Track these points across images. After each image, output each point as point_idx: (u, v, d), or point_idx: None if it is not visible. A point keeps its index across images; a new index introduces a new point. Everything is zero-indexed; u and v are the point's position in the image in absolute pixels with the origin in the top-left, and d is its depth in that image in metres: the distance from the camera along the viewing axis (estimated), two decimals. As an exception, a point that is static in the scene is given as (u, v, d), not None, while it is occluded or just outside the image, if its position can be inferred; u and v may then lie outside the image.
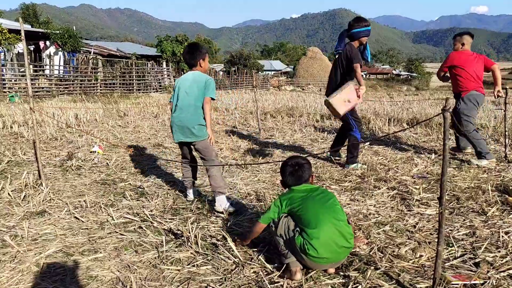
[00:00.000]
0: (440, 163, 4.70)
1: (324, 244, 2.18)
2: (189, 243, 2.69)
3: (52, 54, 22.32)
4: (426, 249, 2.56)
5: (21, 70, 18.99)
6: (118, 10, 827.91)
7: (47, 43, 22.91)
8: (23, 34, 3.77)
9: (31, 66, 18.10)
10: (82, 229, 3.01)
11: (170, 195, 3.82)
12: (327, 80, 5.07)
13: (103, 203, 3.52)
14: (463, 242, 2.69)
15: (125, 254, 2.60)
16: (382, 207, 3.40)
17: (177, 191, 3.91)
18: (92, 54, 24.48)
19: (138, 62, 25.75)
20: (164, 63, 29.56)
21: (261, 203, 3.54)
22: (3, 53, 19.07)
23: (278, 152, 5.71)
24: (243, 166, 4.86)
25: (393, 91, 23.72)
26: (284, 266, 2.30)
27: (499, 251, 2.53)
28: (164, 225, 3.07)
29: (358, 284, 2.18)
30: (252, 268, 2.39)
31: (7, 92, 16.31)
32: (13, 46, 19.46)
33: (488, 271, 2.28)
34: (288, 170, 2.52)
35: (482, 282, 2.17)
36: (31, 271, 2.39)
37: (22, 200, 3.60)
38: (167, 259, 2.53)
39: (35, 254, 2.59)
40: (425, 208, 3.34)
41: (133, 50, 30.57)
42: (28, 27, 24.92)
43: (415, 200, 3.51)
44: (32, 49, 22.72)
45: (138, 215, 3.28)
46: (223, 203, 3.33)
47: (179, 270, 2.39)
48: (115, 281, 2.29)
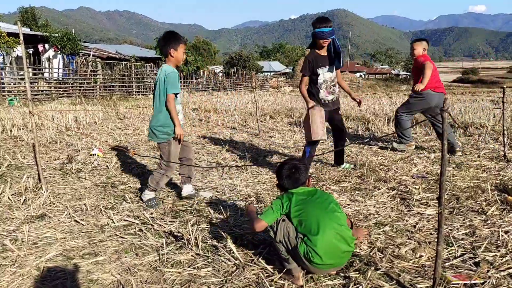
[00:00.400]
0: (439, 163, 4.70)
1: (328, 251, 2.16)
2: (189, 246, 2.70)
3: (51, 57, 22.31)
4: (426, 249, 2.57)
5: (20, 74, 18.99)
6: (117, 12, 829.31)
7: (46, 46, 22.93)
8: (21, 37, 3.77)
9: (30, 69, 18.12)
10: (83, 232, 3.01)
11: (170, 197, 3.83)
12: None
13: (103, 206, 3.52)
14: (463, 241, 2.70)
15: (125, 257, 2.60)
16: (382, 207, 3.41)
17: (177, 194, 3.91)
18: (91, 56, 24.50)
19: (137, 64, 25.75)
20: (163, 65, 29.56)
21: (261, 205, 3.54)
22: (2, 56, 19.06)
23: (277, 153, 5.71)
24: (243, 167, 4.87)
25: (392, 91, 23.71)
26: (286, 270, 2.29)
27: (499, 251, 2.53)
28: (165, 227, 3.07)
29: (358, 285, 2.18)
30: (252, 270, 2.39)
31: (6, 96, 16.32)
32: (12, 49, 19.45)
33: (488, 271, 2.29)
34: (284, 173, 2.48)
35: (482, 281, 2.17)
36: (32, 275, 2.39)
37: (22, 204, 3.60)
38: (167, 261, 2.53)
39: (36, 258, 2.59)
40: (425, 208, 3.34)
41: (132, 52, 30.57)
42: (27, 30, 24.90)
43: (414, 200, 3.51)
44: (31, 52, 22.74)
45: (139, 218, 3.28)
46: (146, 197, 3.55)
47: (179, 273, 2.39)
48: (116, 284, 2.29)
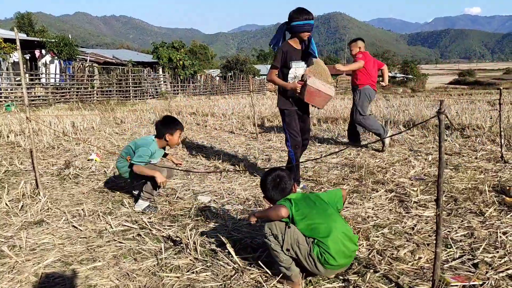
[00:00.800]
0: (437, 165, 4.71)
1: (339, 251, 2.15)
2: (188, 250, 2.69)
3: (48, 62, 22.31)
4: (424, 251, 2.57)
5: (17, 79, 18.96)
6: (113, 17, 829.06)
7: (43, 51, 22.90)
8: (18, 43, 3.77)
9: (27, 75, 18.09)
10: (81, 238, 3.00)
11: (168, 201, 3.82)
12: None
13: (101, 212, 3.51)
14: (461, 243, 2.70)
15: (124, 262, 2.59)
16: (380, 209, 3.41)
17: (175, 198, 3.91)
18: (88, 61, 24.46)
19: (134, 69, 25.75)
20: (160, 70, 29.57)
21: (259, 208, 3.54)
22: (-2, 62, 19.08)
23: (275, 156, 5.71)
24: (241, 171, 4.87)
25: (389, 93, 23.78)
26: (285, 276, 2.25)
27: (498, 252, 2.54)
28: (163, 232, 3.06)
29: (357, 288, 2.18)
30: (251, 274, 2.39)
31: (3, 101, 16.29)
32: (8, 55, 19.44)
33: (486, 272, 2.29)
34: (270, 184, 2.37)
35: (481, 283, 2.17)
36: (30, 281, 2.38)
37: (20, 210, 3.59)
38: (166, 266, 2.52)
39: (34, 264, 2.58)
40: (423, 210, 3.35)
41: (129, 57, 30.56)
42: (23, 36, 24.88)
43: (413, 202, 3.52)
44: (27, 58, 22.74)
45: (137, 223, 3.27)
46: (141, 207, 3.57)
47: (178, 277, 2.38)
48: (115, 289, 2.28)
